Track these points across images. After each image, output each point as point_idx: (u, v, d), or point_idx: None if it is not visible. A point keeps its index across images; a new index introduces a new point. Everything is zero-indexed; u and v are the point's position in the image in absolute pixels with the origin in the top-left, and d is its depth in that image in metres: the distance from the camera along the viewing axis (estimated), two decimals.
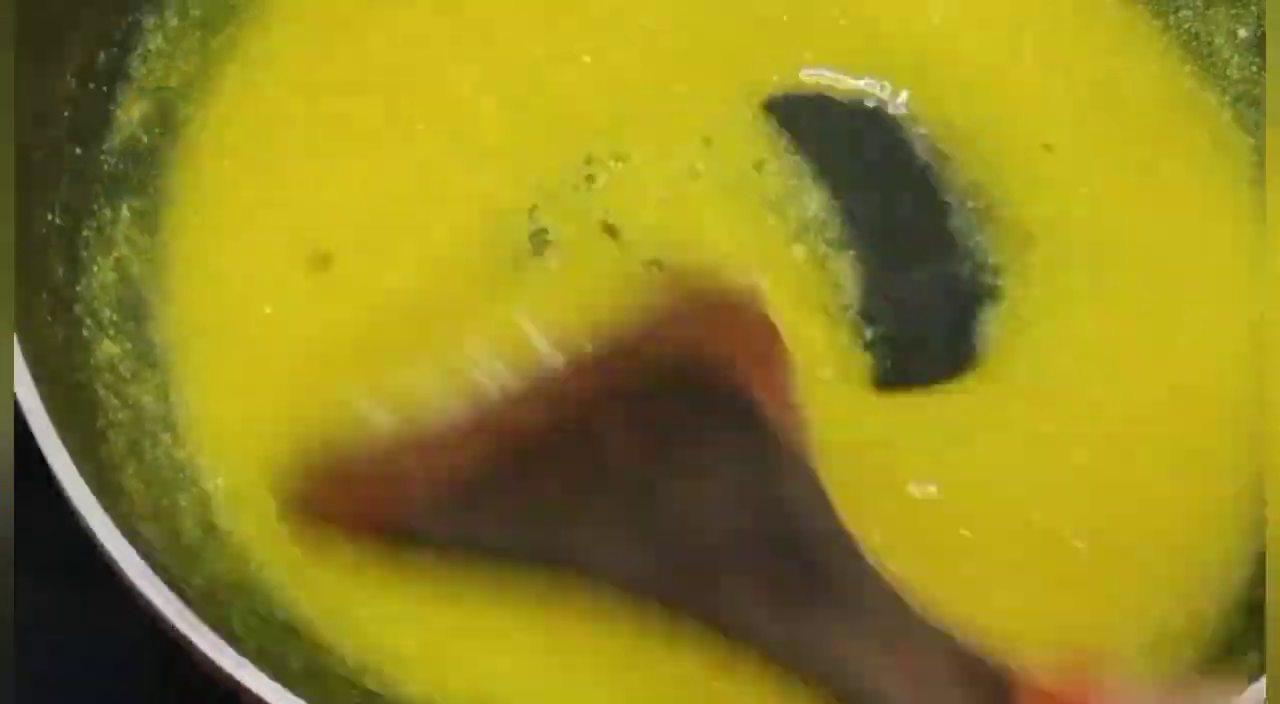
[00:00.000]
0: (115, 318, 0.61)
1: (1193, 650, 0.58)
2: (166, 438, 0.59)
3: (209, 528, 0.58)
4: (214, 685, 0.50)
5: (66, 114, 0.61)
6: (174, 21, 0.65)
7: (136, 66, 0.64)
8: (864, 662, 0.52)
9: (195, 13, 0.66)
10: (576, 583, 0.55)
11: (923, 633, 0.52)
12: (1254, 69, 0.67)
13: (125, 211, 0.62)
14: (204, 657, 0.49)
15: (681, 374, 0.56)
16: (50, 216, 0.59)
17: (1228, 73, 0.68)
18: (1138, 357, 0.63)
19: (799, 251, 0.64)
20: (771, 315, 0.59)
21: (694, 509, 0.55)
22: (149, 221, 0.63)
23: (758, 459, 0.55)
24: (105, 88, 0.63)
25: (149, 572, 0.50)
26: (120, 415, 0.59)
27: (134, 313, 0.61)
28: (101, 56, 0.63)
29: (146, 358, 0.61)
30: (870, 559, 0.54)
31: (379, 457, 0.55)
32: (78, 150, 0.61)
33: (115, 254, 0.62)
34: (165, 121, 0.64)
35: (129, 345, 0.60)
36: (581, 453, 0.55)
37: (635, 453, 0.55)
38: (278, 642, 0.55)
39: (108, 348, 0.60)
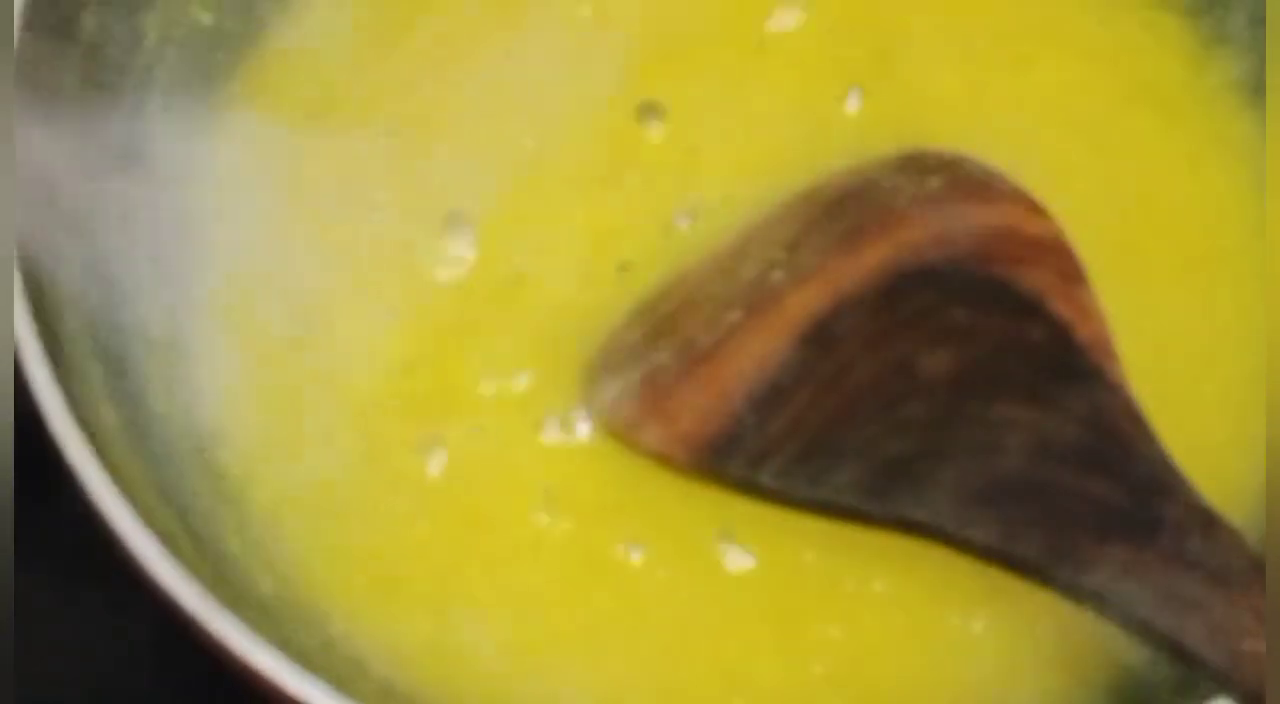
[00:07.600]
0: None
1: None
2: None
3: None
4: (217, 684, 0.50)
5: None
6: None
7: None
8: (1197, 603, 0.48)
9: None
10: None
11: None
12: None
13: None
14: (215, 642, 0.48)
15: (992, 292, 0.54)
16: None
17: None
18: None
19: None
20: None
21: (1009, 434, 0.52)
22: None
23: (1072, 376, 0.52)
24: None
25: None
26: None
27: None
28: None
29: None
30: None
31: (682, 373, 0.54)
32: None
33: None
34: None
35: None
36: (887, 371, 0.53)
37: (942, 373, 0.53)
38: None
39: None
